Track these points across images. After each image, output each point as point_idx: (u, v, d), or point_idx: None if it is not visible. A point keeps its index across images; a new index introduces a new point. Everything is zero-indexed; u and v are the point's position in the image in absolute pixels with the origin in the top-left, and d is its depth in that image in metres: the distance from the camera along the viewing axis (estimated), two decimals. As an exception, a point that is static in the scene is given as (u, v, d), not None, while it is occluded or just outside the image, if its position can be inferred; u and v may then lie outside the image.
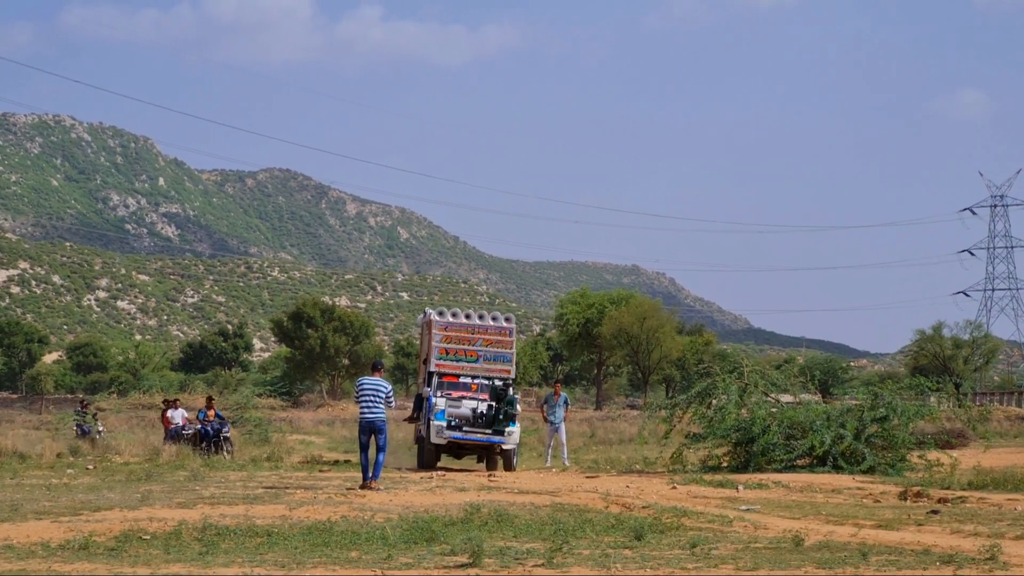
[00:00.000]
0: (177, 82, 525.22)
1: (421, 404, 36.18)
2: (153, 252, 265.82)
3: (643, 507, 22.08)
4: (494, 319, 37.09)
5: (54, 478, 29.30)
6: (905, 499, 25.08)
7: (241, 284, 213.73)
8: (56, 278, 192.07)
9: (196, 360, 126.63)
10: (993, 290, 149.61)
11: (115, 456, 37.27)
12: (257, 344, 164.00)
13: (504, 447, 34.58)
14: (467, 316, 36.90)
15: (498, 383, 35.25)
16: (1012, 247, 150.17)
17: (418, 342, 40.33)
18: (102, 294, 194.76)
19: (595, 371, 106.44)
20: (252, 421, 49.37)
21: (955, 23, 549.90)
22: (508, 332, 36.93)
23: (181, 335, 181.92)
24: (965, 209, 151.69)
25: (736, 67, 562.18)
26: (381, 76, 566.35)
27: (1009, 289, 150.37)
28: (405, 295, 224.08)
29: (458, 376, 35.98)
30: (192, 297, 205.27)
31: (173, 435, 41.97)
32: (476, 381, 35.99)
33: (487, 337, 36.57)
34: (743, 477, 29.68)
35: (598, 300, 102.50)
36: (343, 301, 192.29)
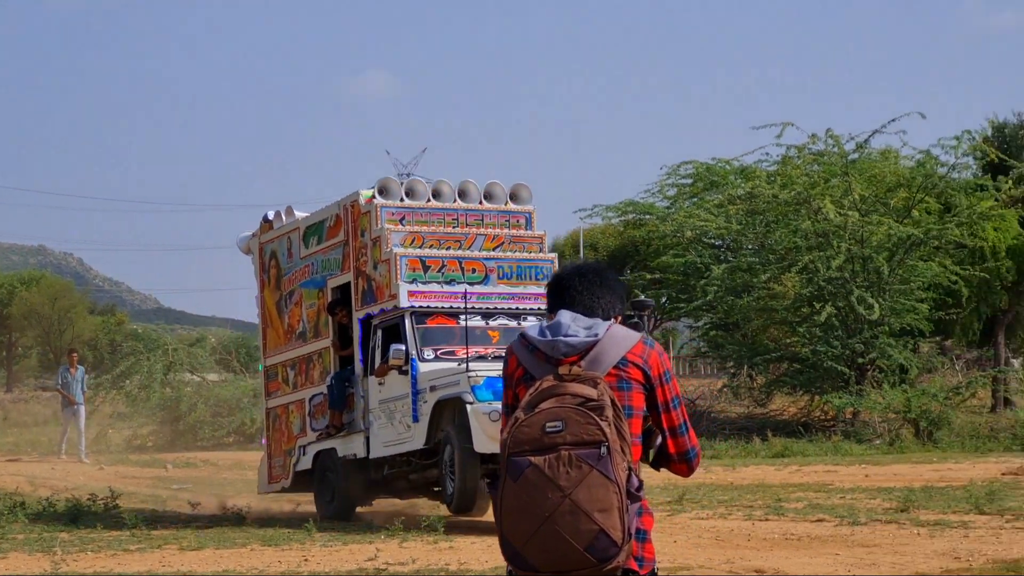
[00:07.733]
0: None
1: (343, 393, 18.11)
2: None
3: (73, 489, 21.55)
4: (489, 197, 18.27)
5: None
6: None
7: None
8: None
9: None
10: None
11: None
12: None
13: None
14: (436, 193, 18.01)
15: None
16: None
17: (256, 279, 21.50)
18: None
19: (4, 353, 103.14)
20: None
21: (362, 6, 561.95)
22: (525, 220, 18.35)
23: None
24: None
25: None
26: None
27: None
28: None
29: (456, 316, 17.14)
30: None
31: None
32: (495, 325, 17.41)
33: (492, 231, 18.05)
34: (171, 456, 29.50)
35: (7, 281, 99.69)
36: None
